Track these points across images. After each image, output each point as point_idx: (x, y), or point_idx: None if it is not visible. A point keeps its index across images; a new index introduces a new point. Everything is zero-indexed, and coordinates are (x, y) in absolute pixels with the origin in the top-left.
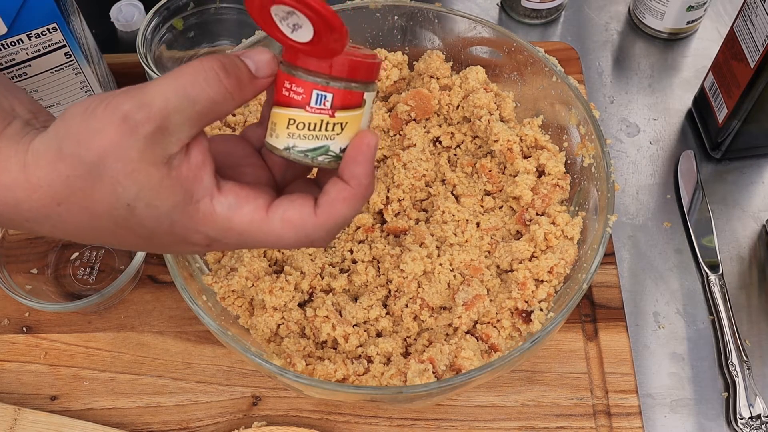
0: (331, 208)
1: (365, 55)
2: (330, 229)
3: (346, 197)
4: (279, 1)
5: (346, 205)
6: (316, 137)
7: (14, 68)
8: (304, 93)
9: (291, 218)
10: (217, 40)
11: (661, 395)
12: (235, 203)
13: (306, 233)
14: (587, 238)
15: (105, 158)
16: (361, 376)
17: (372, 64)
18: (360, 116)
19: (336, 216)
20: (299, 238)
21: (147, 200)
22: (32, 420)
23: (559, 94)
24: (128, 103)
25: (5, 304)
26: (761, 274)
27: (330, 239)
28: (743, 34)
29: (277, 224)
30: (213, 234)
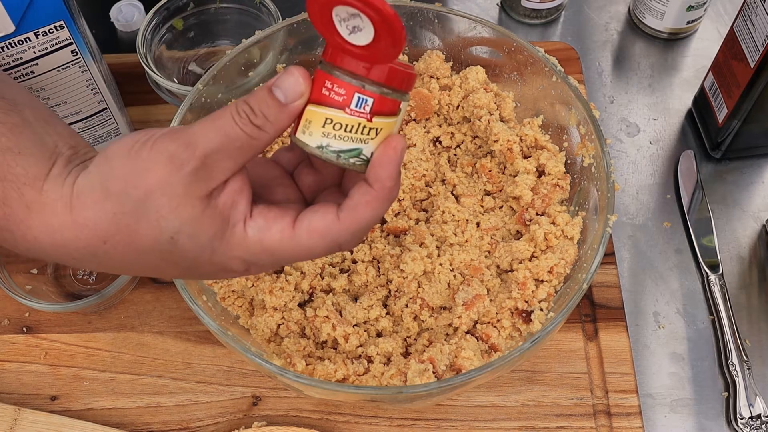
0: (354, 212)
1: (405, 65)
2: (355, 232)
3: (369, 200)
4: (344, 2)
5: (370, 208)
6: (351, 139)
7: (21, 67)
8: (345, 95)
9: (317, 228)
10: (217, 40)
11: (661, 395)
12: (264, 225)
13: (333, 239)
14: (587, 238)
15: (151, 194)
16: (361, 376)
17: (410, 75)
18: (393, 124)
19: (359, 219)
20: (328, 245)
21: (189, 232)
22: (32, 420)
23: (559, 94)
24: (174, 144)
25: (5, 304)
26: (761, 274)
27: (358, 242)
28: (743, 34)
29: (304, 236)
30: (248, 257)
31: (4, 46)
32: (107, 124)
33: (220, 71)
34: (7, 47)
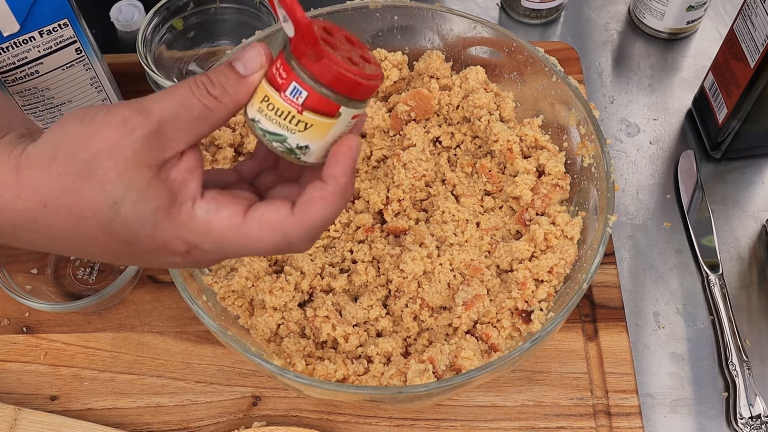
0: (308, 207)
1: (361, 73)
2: (308, 230)
3: (323, 195)
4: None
5: (324, 204)
6: (279, 124)
7: (26, 66)
8: (285, 80)
9: (269, 220)
10: (217, 40)
11: (661, 395)
12: (214, 208)
13: (284, 234)
14: (587, 238)
15: (99, 156)
16: (361, 376)
17: (359, 84)
18: (329, 125)
19: (314, 215)
20: (277, 240)
21: (133, 199)
22: (32, 420)
23: (559, 94)
24: (128, 110)
25: (5, 304)
26: (761, 274)
27: (309, 242)
28: (743, 34)
29: (254, 227)
30: (192, 239)
31: (9, 45)
32: None
33: None
34: (12, 47)
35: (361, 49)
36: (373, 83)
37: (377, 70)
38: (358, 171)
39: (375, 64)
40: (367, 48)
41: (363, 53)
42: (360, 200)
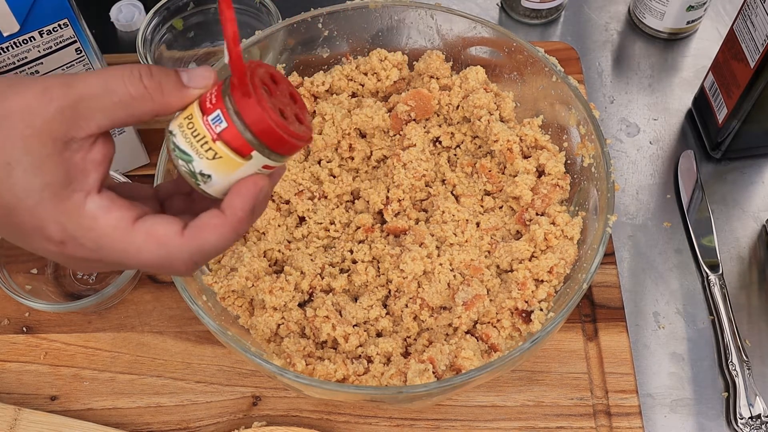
0: (199, 232)
1: (285, 127)
2: (193, 254)
3: (217, 224)
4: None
5: (215, 233)
6: (191, 145)
7: (26, 66)
8: (213, 105)
9: (156, 233)
10: (217, 40)
11: (661, 395)
12: (107, 206)
13: (168, 251)
14: (587, 238)
15: (10, 116)
16: (361, 376)
17: (280, 137)
18: (237, 164)
19: (202, 241)
20: (159, 256)
21: (26, 166)
22: (32, 420)
23: (559, 94)
24: (54, 80)
25: (5, 304)
26: (761, 274)
27: (191, 268)
28: (743, 34)
29: (140, 236)
30: (71, 229)
31: (8, 45)
32: None
33: (220, 71)
34: (12, 47)
35: (301, 109)
36: (294, 141)
37: (306, 132)
38: (358, 171)
39: (307, 127)
40: (306, 111)
41: (300, 114)
42: (360, 200)
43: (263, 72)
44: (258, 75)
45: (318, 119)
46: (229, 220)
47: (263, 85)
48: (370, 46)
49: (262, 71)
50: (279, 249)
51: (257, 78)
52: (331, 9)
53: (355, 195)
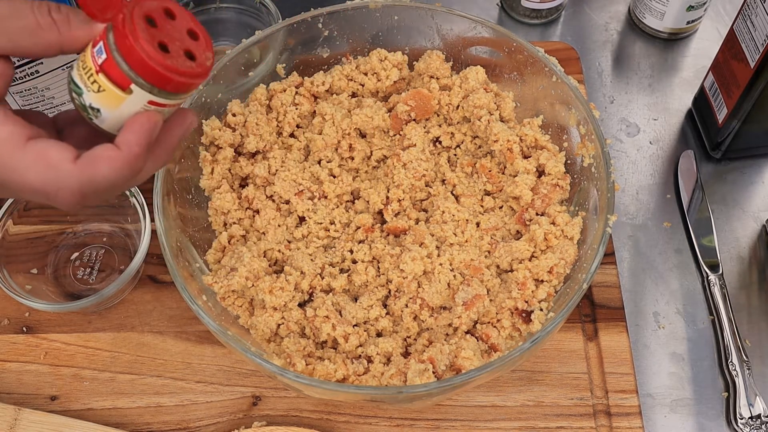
0: (92, 162)
1: (162, 62)
2: (83, 184)
3: (111, 157)
4: None
5: (109, 166)
6: (81, 78)
7: (26, 66)
8: (98, 38)
9: (47, 155)
10: (217, 40)
11: (661, 395)
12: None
13: (56, 176)
14: (587, 238)
15: None
16: (361, 376)
17: (154, 71)
18: (120, 98)
19: (94, 172)
20: (47, 180)
21: None
22: (32, 420)
23: (559, 94)
24: None
25: (5, 304)
26: (761, 274)
27: (78, 200)
28: (743, 34)
29: (30, 155)
30: None
31: None
32: None
33: (220, 71)
34: None
35: (199, 46)
36: (172, 76)
37: (191, 69)
38: (358, 171)
39: (199, 64)
40: (205, 48)
41: (196, 50)
42: (360, 200)
43: (155, 5)
44: (145, 8)
45: (318, 119)
46: (123, 153)
47: (149, 17)
48: (370, 46)
49: (153, 4)
50: (279, 249)
51: (142, 10)
52: (331, 9)
53: (355, 195)
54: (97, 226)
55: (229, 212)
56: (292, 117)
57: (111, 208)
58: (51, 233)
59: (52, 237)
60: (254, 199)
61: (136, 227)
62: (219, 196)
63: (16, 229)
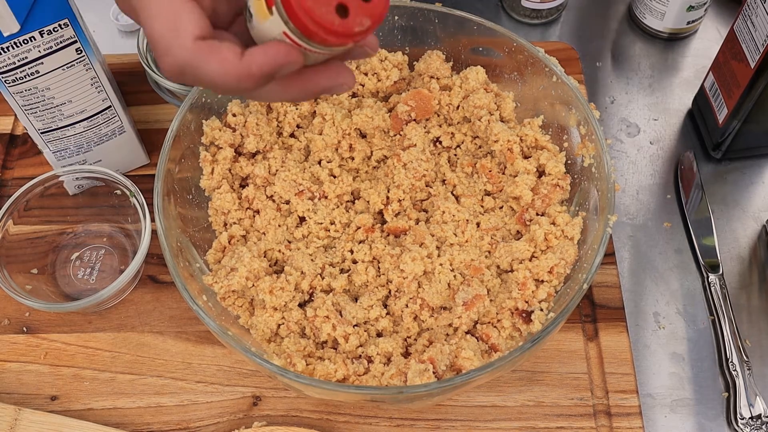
0: (210, 51)
1: (312, 13)
2: (187, 64)
3: (227, 60)
4: None
5: (220, 67)
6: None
7: (26, 66)
8: None
9: (178, 18)
10: None
11: (661, 395)
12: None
13: (172, 40)
14: (587, 238)
15: None
16: (362, 376)
17: (292, 9)
18: (265, 14)
19: (205, 61)
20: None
21: None
22: (32, 420)
23: (559, 94)
24: None
25: (5, 304)
26: (761, 275)
27: (176, 74)
28: (743, 34)
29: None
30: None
31: (9, 45)
32: (112, 122)
33: None
34: (13, 47)
35: (364, 11)
36: (309, 24)
37: (334, 26)
38: (359, 171)
39: (345, 27)
40: (375, 20)
41: (355, 12)
42: (360, 200)
43: None
44: None
45: (318, 119)
46: (239, 65)
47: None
48: None
49: None
50: (279, 249)
51: None
52: None
53: (355, 195)
54: (97, 226)
55: (230, 212)
56: (292, 117)
57: (111, 208)
58: (51, 233)
59: (52, 237)
60: (254, 200)
61: (137, 227)
62: (219, 196)
63: (17, 229)
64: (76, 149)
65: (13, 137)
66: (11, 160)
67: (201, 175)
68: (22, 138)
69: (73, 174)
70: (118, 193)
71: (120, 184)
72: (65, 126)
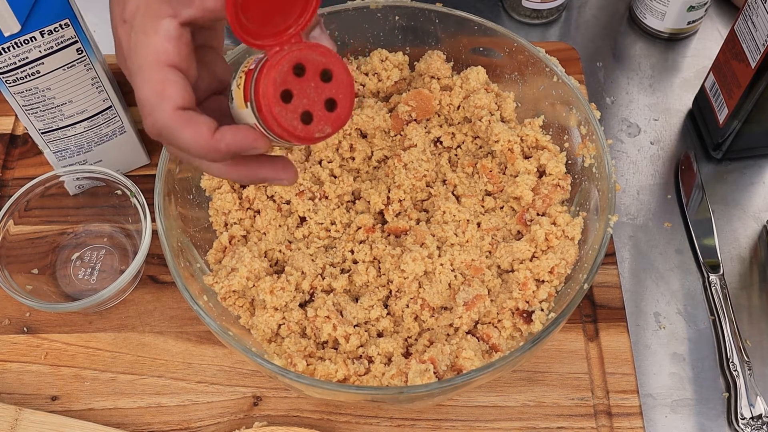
0: (187, 121)
1: (279, 119)
2: (165, 128)
3: (199, 132)
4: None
5: (192, 137)
6: (244, 64)
7: (27, 67)
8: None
9: (168, 87)
10: None
11: (661, 395)
12: (171, 36)
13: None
14: (588, 239)
15: None
16: (362, 377)
17: (262, 112)
18: (242, 104)
19: (180, 129)
20: (149, 99)
21: None
22: (33, 420)
23: (559, 94)
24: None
25: (6, 305)
26: (762, 275)
27: (152, 130)
28: (744, 34)
29: (159, 75)
30: (138, 20)
31: (10, 45)
32: (112, 122)
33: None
34: (13, 47)
35: (326, 120)
36: (274, 127)
37: (296, 131)
38: (359, 171)
39: (307, 134)
40: (335, 127)
41: (318, 120)
42: (361, 200)
43: (317, 60)
44: (304, 56)
45: None
46: (209, 140)
47: (300, 65)
48: (370, 46)
49: (315, 57)
50: (280, 249)
51: (298, 55)
52: (331, 9)
53: (355, 195)
54: (97, 226)
55: (230, 212)
56: None
57: (112, 209)
58: (52, 233)
59: (52, 237)
60: (255, 200)
61: (137, 227)
62: (220, 196)
63: (17, 230)
64: (76, 149)
65: (14, 137)
66: (12, 160)
67: (201, 175)
68: (22, 138)
69: (73, 174)
70: (118, 193)
71: (120, 184)
72: (66, 126)
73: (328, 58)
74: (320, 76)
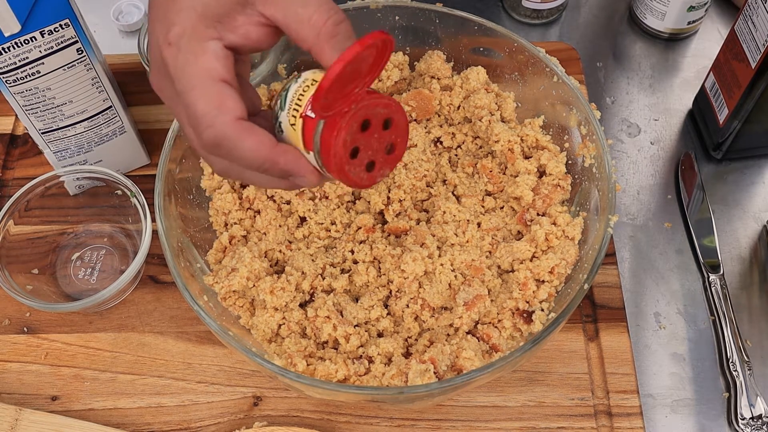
0: (251, 129)
1: (347, 174)
2: (226, 138)
3: (264, 142)
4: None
5: (255, 146)
6: (292, 99)
7: (27, 67)
8: (310, 102)
9: (225, 97)
10: None
11: (662, 395)
12: (218, 56)
13: (216, 117)
14: (588, 239)
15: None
16: (362, 377)
17: (332, 168)
18: (300, 146)
19: (244, 137)
20: (208, 112)
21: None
22: (33, 420)
23: (560, 94)
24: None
25: (6, 305)
26: (762, 275)
27: (210, 149)
28: (744, 34)
29: (211, 91)
30: (184, 43)
31: (10, 45)
32: (112, 122)
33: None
34: (14, 47)
35: (386, 163)
36: (343, 180)
37: (362, 181)
38: None
39: (370, 180)
40: (392, 167)
41: (380, 165)
42: (361, 200)
43: (381, 112)
44: (371, 112)
45: None
46: (273, 151)
47: (367, 120)
48: None
49: (379, 110)
50: (280, 249)
51: (365, 113)
52: None
53: (356, 195)
54: (98, 226)
55: (230, 212)
56: None
57: (112, 209)
58: (52, 233)
59: (53, 237)
60: (255, 200)
61: (137, 227)
62: (220, 196)
63: (17, 230)
64: (76, 149)
65: (14, 137)
66: (12, 161)
67: (202, 175)
68: (22, 138)
69: (73, 174)
70: (118, 193)
71: (121, 184)
72: (66, 126)
73: (390, 108)
74: (383, 125)
